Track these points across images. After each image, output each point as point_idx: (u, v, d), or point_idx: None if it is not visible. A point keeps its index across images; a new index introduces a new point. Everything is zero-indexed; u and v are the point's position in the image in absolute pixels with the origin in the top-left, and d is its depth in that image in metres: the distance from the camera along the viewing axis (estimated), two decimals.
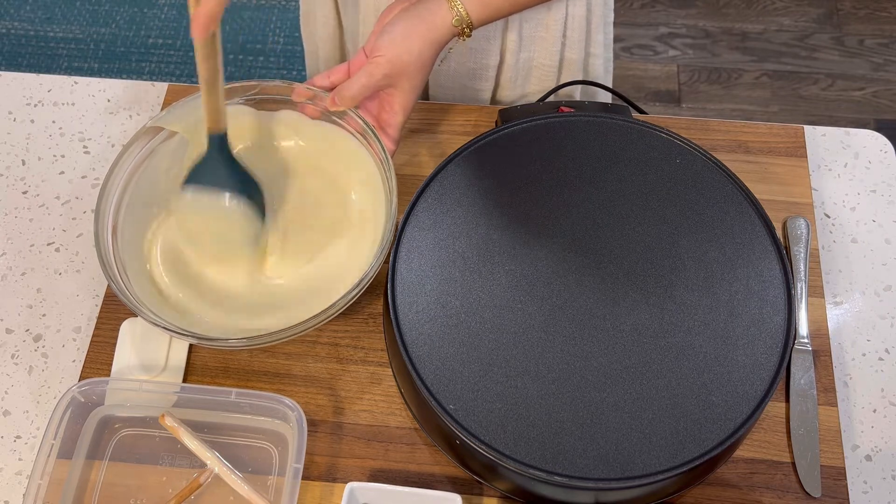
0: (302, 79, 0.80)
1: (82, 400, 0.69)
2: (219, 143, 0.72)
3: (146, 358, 0.74)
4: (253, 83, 0.78)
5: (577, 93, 0.99)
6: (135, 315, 0.75)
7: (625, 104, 0.86)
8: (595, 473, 0.61)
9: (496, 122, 0.84)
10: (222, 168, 0.73)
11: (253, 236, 0.75)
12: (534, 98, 0.95)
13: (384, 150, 0.74)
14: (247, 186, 0.74)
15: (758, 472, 0.69)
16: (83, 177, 0.86)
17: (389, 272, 0.69)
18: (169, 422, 0.68)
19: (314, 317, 0.67)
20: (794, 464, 0.69)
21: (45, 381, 0.75)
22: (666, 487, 0.64)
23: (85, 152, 0.87)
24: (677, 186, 0.73)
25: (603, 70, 0.99)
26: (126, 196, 0.75)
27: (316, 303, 0.69)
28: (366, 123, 0.75)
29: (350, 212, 0.79)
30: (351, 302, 0.69)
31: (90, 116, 0.89)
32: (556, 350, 0.66)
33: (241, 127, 0.80)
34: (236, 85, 0.78)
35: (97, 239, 0.71)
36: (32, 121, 0.89)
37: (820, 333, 0.75)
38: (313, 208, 0.79)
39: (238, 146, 0.79)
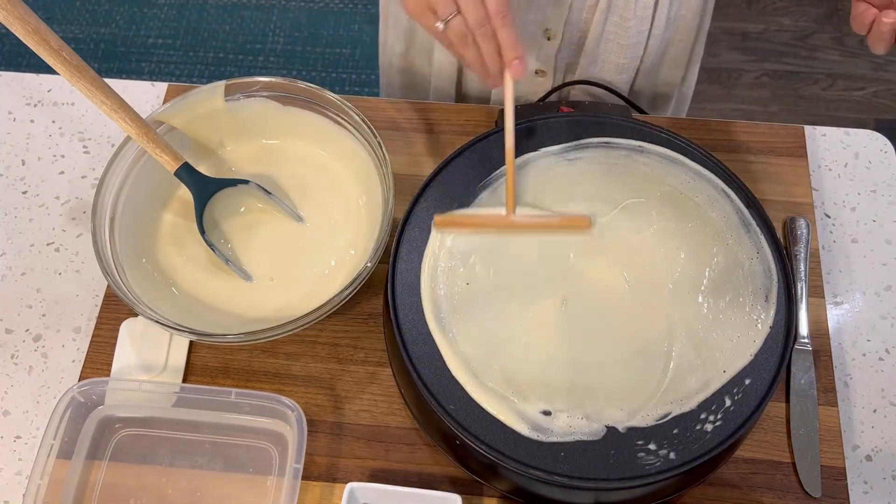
0: (300, 76, 0.80)
1: (82, 400, 0.69)
2: None
3: (146, 358, 0.74)
4: (256, 80, 0.79)
5: (576, 93, 0.99)
6: (134, 314, 0.75)
7: (625, 104, 0.86)
8: (595, 473, 0.61)
9: (496, 122, 0.84)
10: None
11: None
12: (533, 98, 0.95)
13: (382, 148, 0.74)
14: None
15: (758, 472, 0.69)
16: (83, 177, 0.86)
17: (389, 272, 0.69)
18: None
19: (310, 313, 0.67)
20: (794, 464, 0.69)
21: (45, 381, 0.75)
22: (666, 487, 0.64)
23: (85, 152, 0.87)
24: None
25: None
26: (124, 191, 0.75)
27: (312, 301, 0.70)
28: (366, 124, 0.75)
29: (348, 209, 0.79)
30: (346, 299, 0.69)
31: (90, 116, 0.89)
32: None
33: (263, 120, 0.81)
34: (240, 81, 0.79)
35: (94, 234, 0.71)
36: (32, 121, 0.89)
37: (820, 333, 0.75)
38: (311, 205, 0.80)
39: (264, 140, 0.82)
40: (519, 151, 0.75)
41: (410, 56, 0.99)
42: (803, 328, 0.75)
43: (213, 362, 0.74)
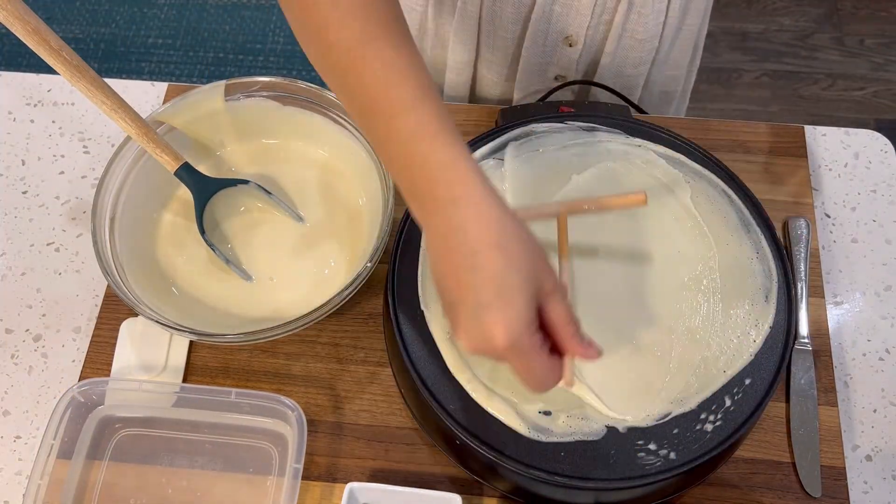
0: (300, 76, 0.80)
1: (82, 400, 0.69)
2: None
3: (146, 358, 0.74)
4: (256, 80, 0.79)
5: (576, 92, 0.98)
6: (134, 314, 0.75)
7: (625, 104, 0.86)
8: (595, 473, 0.61)
9: (496, 121, 0.84)
10: None
11: None
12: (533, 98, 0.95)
13: None
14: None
15: (758, 472, 0.69)
16: (83, 177, 0.86)
17: (389, 272, 0.69)
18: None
19: (310, 313, 0.67)
20: (794, 464, 0.69)
21: (45, 381, 0.75)
22: (666, 487, 0.64)
23: (85, 152, 0.87)
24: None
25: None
26: (124, 191, 0.75)
27: (312, 301, 0.70)
28: None
29: (348, 209, 0.79)
30: (346, 299, 0.69)
31: (90, 116, 0.89)
32: None
33: (263, 120, 0.81)
34: (240, 81, 0.79)
35: (94, 234, 0.71)
36: (32, 121, 0.89)
37: (820, 333, 0.75)
38: (311, 205, 0.80)
39: (264, 140, 0.82)
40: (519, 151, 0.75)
41: None
42: (803, 328, 0.75)
43: (213, 362, 0.74)
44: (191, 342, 0.75)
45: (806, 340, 0.74)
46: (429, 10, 0.90)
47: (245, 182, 0.77)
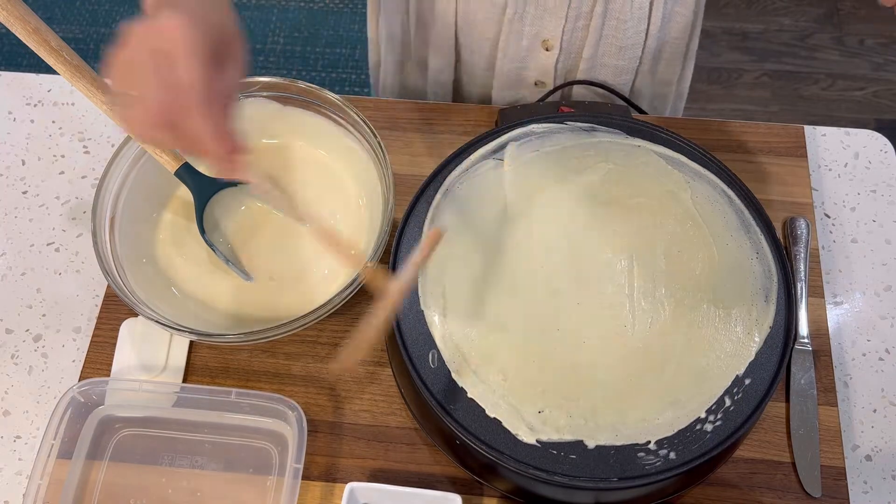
0: (300, 76, 0.80)
1: (82, 400, 0.69)
2: None
3: (146, 358, 0.74)
4: (256, 80, 0.79)
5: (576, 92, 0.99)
6: (134, 314, 0.75)
7: (625, 104, 0.86)
8: (595, 473, 0.61)
9: (496, 121, 0.84)
10: None
11: None
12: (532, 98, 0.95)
13: (382, 148, 0.74)
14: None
15: (758, 472, 0.69)
16: (83, 177, 0.86)
17: (389, 272, 0.69)
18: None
19: (310, 313, 0.67)
20: (794, 464, 0.69)
21: (45, 381, 0.75)
22: (666, 487, 0.64)
23: (85, 152, 0.87)
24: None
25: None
26: (124, 191, 0.75)
27: (312, 301, 0.69)
28: (366, 124, 0.75)
29: (348, 209, 0.79)
30: (346, 299, 0.69)
31: (90, 116, 0.89)
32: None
33: (263, 120, 0.81)
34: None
35: (94, 234, 0.71)
36: (32, 121, 0.89)
37: (820, 333, 0.75)
38: (311, 205, 0.79)
39: (264, 140, 0.82)
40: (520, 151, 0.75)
41: (406, 70, 1.00)
42: (803, 328, 0.75)
43: (213, 362, 0.74)
44: (191, 342, 0.75)
45: (806, 340, 0.74)
46: (410, 21, 0.92)
47: (245, 182, 0.77)
